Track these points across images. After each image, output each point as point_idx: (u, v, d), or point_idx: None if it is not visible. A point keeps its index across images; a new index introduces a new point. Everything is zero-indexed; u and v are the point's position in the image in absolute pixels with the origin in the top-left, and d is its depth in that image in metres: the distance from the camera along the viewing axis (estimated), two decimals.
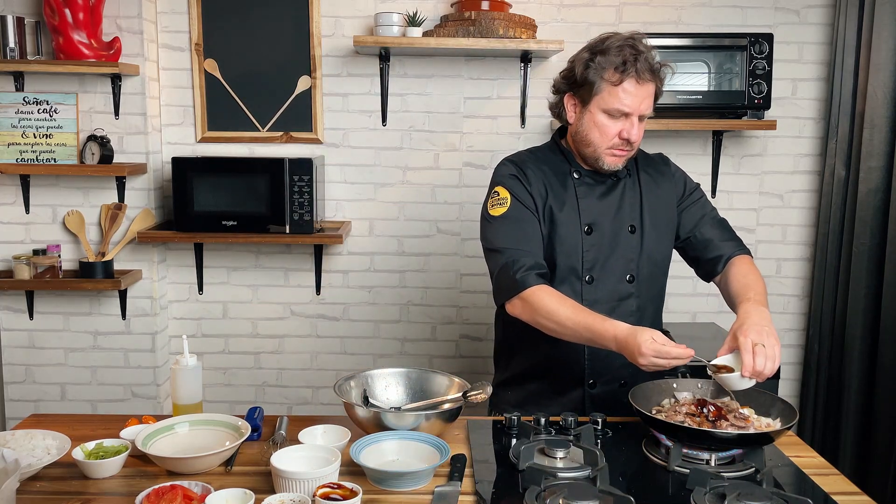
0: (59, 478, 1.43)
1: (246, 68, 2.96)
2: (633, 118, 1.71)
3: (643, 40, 1.71)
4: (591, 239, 1.79)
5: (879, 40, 2.68)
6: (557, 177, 1.81)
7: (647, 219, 1.82)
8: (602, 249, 1.79)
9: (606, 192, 1.81)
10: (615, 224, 1.80)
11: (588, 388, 1.82)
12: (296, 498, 1.27)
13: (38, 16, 2.80)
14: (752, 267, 1.81)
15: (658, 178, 1.87)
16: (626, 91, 1.69)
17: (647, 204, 1.83)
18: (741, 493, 1.29)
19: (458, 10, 2.81)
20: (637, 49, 1.68)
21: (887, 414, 2.65)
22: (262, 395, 3.15)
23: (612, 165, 1.76)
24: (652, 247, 1.82)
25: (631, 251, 1.80)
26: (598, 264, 1.78)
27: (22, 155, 2.83)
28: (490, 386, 1.62)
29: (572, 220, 1.78)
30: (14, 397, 3.00)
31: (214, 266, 3.08)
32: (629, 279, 1.80)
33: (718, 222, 1.90)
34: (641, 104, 1.70)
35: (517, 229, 1.76)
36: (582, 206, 1.79)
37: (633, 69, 1.66)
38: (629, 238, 1.80)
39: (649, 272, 1.82)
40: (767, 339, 1.50)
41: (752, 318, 1.56)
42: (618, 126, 1.72)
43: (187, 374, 1.66)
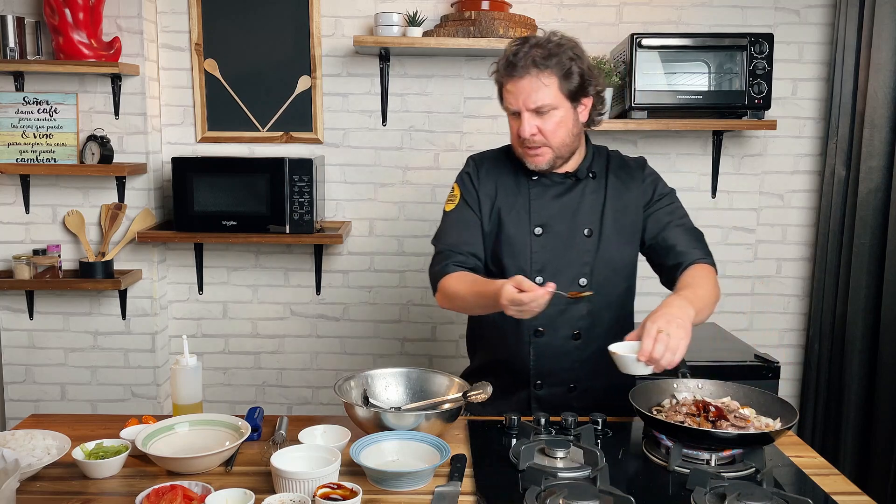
0: (59, 478, 1.43)
1: (246, 68, 2.96)
2: (524, 115, 1.68)
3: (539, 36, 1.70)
4: (542, 240, 1.77)
5: (879, 40, 2.68)
6: (514, 176, 1.81)
7: (607, 223, 1.77)
8: (554, 251, 1.77)
9: (562, 193, 1.79)
10: (570, 226, 1.77)
11: (534, 388, 1.81)
12: (296, 498, 1.27)
13: (38, 16, 2.80)
14: (706, 274, 1.71)
15: (628, 183, 1.82)
16: (508, 90, 1.69)
17: (610, 208, 1.78)
18: (741, 493, 1.29)
19: (458, 10, 2.81)
20: (522, 45, 1.67)
21: (887, 414, 2.65)
22: (262, 395, 3.16)
23: (534, 165, 1.74)
24: (610, 251, 1.77)
25: (585, 254, 1.76)
26: (548, 266, 1.76)
27: (22, 155, 2.83)
28: (490, 386, 1.62)
29: (522, 221, 1.77)
30: (14, 397, 3.00)
31: (214, 266, 3.08)
32: (582, 283, 1.77)
33: (688, 230, 1.82)
34: (527, 99, 1.66)
35: (458, 228, 1.81)
36: (534, 207, 1.78)
37: (510, 67, 1.67)
38: (584, 241, 1.77)
39: (605, 277, 1.78)
40: (676, 330, 1.42)
41: (668, 309, 1.49)
42: (516, 125, 1.71)
43: (187, 374, 1.66)
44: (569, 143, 1.73)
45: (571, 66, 1.67)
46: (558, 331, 1.77)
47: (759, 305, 3.16)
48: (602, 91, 1.79)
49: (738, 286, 3.13)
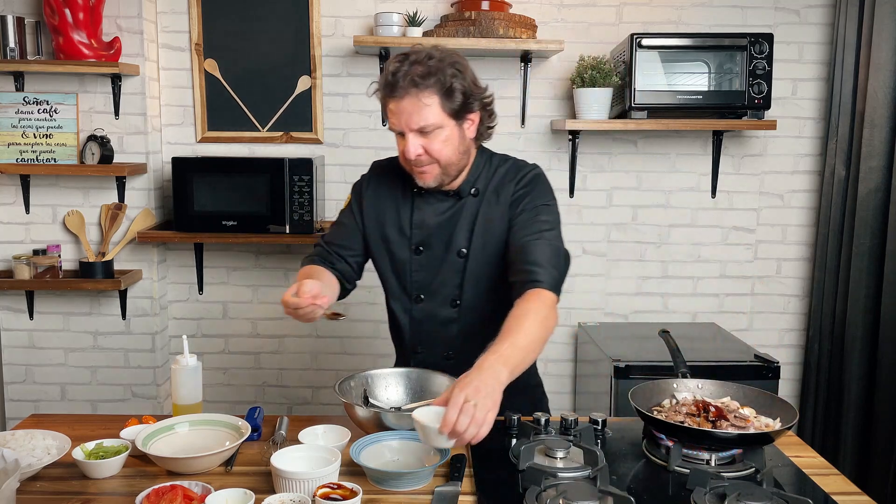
0: (59, 478, 1.43)
1: (246, 68, 2.96)
2: (408, 135, 1.62)
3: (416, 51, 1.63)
4: (420, 259, 1.76)
5: (879, 40, 2.68)
6: (402, 191, 1.78)
7: (476, 242, 1.73)
8: (430, 271, 1.75)
9: (443, 212, 1.75)
10: (446, 246, 1.74)
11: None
12: (296, 498, 1.27)
13: (38, 16, 2.80)
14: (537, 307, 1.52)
15: (501, 197, 1.73)
16: (391, 111, 1.64)
17: (480, 226, 1.73)
18: (741, 493, 1.29)
19: (458, 10, 2.81)
20: (402, 63, 1.60)
21: (887, 414, 2.65)
22: (262, 395, 3.15)
23: (422, 183, 1.69)
24: (479, 272, 1.73)
25: (457, 277, 1.74)
26: (425, 285, 1.76)
27: (22, 155, 2.83)
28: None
29: (404, 239, 1.76)
30: (14, 397, 3.00)
31: (214, 266, 3.08)
32: (452, 304, 1.76)
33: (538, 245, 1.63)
34: (409, 119, 1.60)
35: (337, 229, 1.83)
36: (415, 225, 1.76)
37: (387, 88, 1.61)
38: (456, 262, 1.74)
39: (475, 297, 1.74)
40: (484, 400, 1.28)
41: (479, 374, 1.33)
42: (402, 145, 1.66)
43: (187, 374, 1.66)
44: (456, 161, 1.68)
45: (453, 84, 1.60)
46: (434, 350, 1.79)
47: (759, 305, 3.16)
48: (490, 104, 1.73)
49: (738, 286, 3.13)
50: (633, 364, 2.54)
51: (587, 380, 3.00)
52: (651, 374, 2.27)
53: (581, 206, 3.07)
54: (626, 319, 3.15)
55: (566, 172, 3.04)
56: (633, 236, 3.10)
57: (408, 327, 1.82)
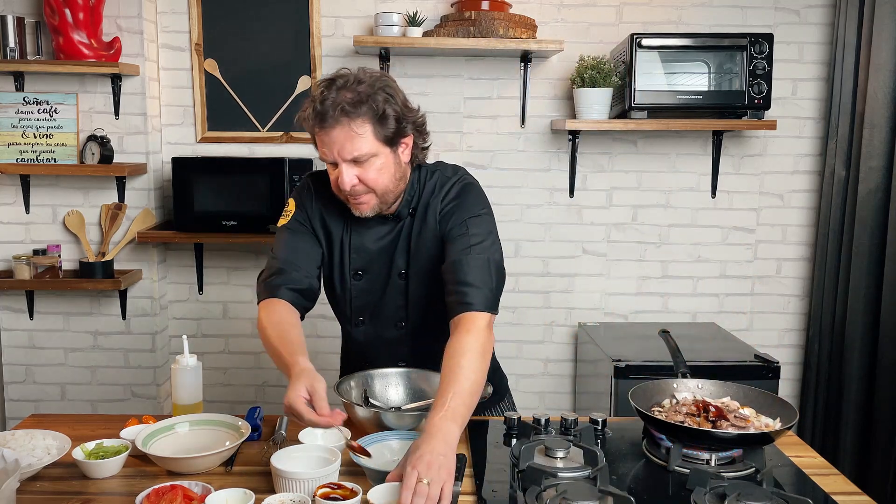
0: (59, 478, 1.43)
1: (246, 68, 2.96)
2: (342, 166, 1.54)
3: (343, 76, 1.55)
4: (361, 284, 1.72)
5: (879, 40, 2.68)
6: (341, 214, 1.70)
7: (413, 263, 1.69)
8: (372, 295, 1.72)
9: (382, 236, 1.70)
10: (386, 269, 1.71)
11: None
12: (296, 498, 1.27)
13: (38, 16, 2.80)
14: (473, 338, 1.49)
15: (430, 212, 1.68)
16: (320, 139, 1.55)
17: (416, 247, 1.68)
18: (741, 493, 1.28)
19: (458, 10, 2.81)
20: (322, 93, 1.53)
21: (887, 414, 2.65)
22: (262, 395, 3.15)
23: (359, 213, 1.62)
24: (420, 292, 1.70)
25: (400, 298, 1.71)
26: (367, 310, 1.73)
27: (22, 155, 2.83)
28: (490, 386, 1.62)
29: (344, 263, 1.72)
30: (14, 397, 3.00)
31: (214, 266, 3.08)
32: (399, 326, 1.73)
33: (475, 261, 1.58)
34: (342, 150, 1.53)
35: (291, 242, 1.70)
36: (354, 249, 1.71)
37: (319, 116, 1.52)
38: (398, 284, 1.71)
39: (421, 317, 1.72)
40: (437, 473, 1.24)
41: (429, 444, 1.29)
42: (335, 175, 1.58)
43: (187, 374, 1.66)
44: (393, 188, 1.61)
45: (385, 110, 1.53)
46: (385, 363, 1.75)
47: (759, 305, 3.16)
48: (423, 125, 1.66)
49: (738, 286, 3.13)
50: (633, 364, 2.54)
51: (587, 380, 3.00)
52: (651, 374, 2.27)
53: (581, 206, 3.07)
54: (626, 319, 3.15)
55: (566, 172, 3.04)
56: (633, 236, 3.10)
57: (352, 346, 1.81)
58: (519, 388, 3.11)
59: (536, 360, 3.16)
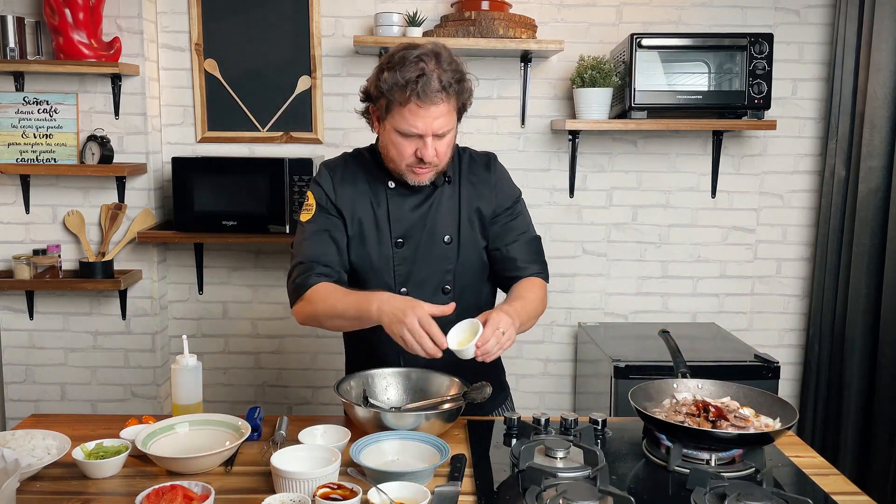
0: (59, 478, 1.43)
1: (246, 68, 2.96)
2: (426, 139, 1.61)
3: (441, 55, 1.60)
4: (403, 252, 1.74)
5: (879, 40, 2.68)
6: (372, 186, 1.75)
7: (464, 229, 1.76)
8: (415, 262, 1.74)
9: (421, 202, 1.75)
10: (430, 235, 1.74)
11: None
12: (296, 498, 1.27)
13: (38, 16, 2.80)
14: (534, 287, 1.76)
15: (479, 187, 1.78)
16: (412, 113, 1.58)
17: (465, 213, 1.76)
18: (741, 493, 1.29)
19: (458, 10, 2.81)
20: (423, 67, 1.57)
21: (887, 414, 2.65)
22: (262, 395, 3.15)
23: (417, 181, 1.69)
24: (470, 256, 1.76)
25: (446, 263, 1.75)
26: (411, 277, 1.75)
27: (22, 155, 2.83)
28: (489, 387, 1.62)
29: (383, 233, 1.74)
30: (14, 397, 3.00)
31: (214, 266, 3.08)
32: (445, 291, 1.76)
33: (529, 242, 1.82)
34: (433, 125, 1.59)
35: (317, 238, 1.73)
36: (393, 218, 1.74)
37: (418, 91, 1.56)
38: (444, 249, 1.75)
39: (468, 282, 1.78)
40: (509, 332, 1.53)
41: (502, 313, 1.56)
42: (413, 146, 1.63)
43: (187, 374, 1.66)
44: (449, 159, 1.71)
45: (472, 90, 1.65)
46: None
47: (759, 305, 3.16)
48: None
49: (738, 286, 3.13)
50: (633, 364, 2.54)
51: (587, 380, 3.00)
52: (651, 374, 2.27)
53: (581, 206, 3.07)
54: (626, 319, 3.15)
55: (566, 172, 3.04)
56: (633, 236, 3.10)
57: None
58: (519, 388, 3.11)
59: (536, 360, 3.16)
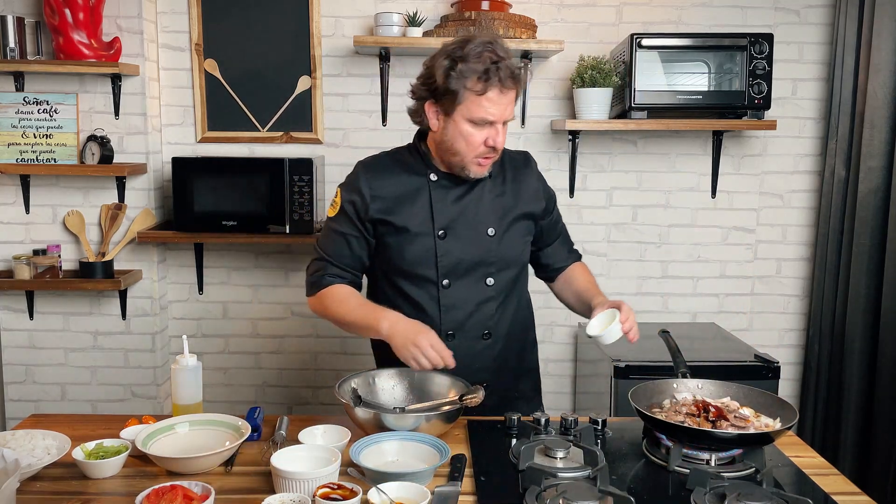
0: (59, 478, 1.43)
1: (246, 68, 2.96)
2: (497, 126, 1.68)
3: (502, 44, 1.68)
4: (446, 244, 1.76)
5: (879, 40, 2.68)
6: (413, 181, 1.79)
7: (507, 223, 1.81)
8: (458, 253, 1.77)
9: (463, 194, 1.79)
10: (472, 227, 1.78)
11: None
12: (296, 498, 1.27)
13: (38, 16, 2.80)
14: (586, 271, 1.98)
15: (522, 184, 1.86)
16: (490, 100, 1.65)
17: (507, 206, 1.81)
18: (741, 493, 1.29)
19: (458, 10, 2.81)
20: (497, 55, 1.64)
21: (887, 414, 2.65)
22: (262, 395, 3.16)
23: (478, 174, 1.74)
24: (512, 250, 1.82)
25: (490, 255, 1.78)
26: (455, 269, 1.77)
27: (22, 155, 2.83)
28: (483, 390, 1.62)
29: (425, 225, 1.76)
30: (14, 397, 3.00)
31: (214, 266, 3.08)
32: (489, 283, 1.79)
33: (565, 234, 2.01)
34: (505, 111, 1.68)
35: (337, 238, 1.81)
36: (436, 210, 1.77)
37: (496, 78, 1.63)
38: (487, 241, 1.78)
39: (509, 276, 1.82)
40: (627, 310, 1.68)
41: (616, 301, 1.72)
42: (483, 134, 1.68)
43: (187, 374, 1.66)
44: None
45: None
46: (469, 332, 1.79)
47: (759, 305, 3.16)
48: None
49: (738, 286, 3.13)
50: (633, 364, 2.54)
51: (587, 380, 3.00)
52: (651, 374, 2.26)
53: (581, 206, 3.07)
54: None
55: (566, 172, 3.04)
56: (633, 236, 3.10)
57: (437, 316, 1.79)
58: None
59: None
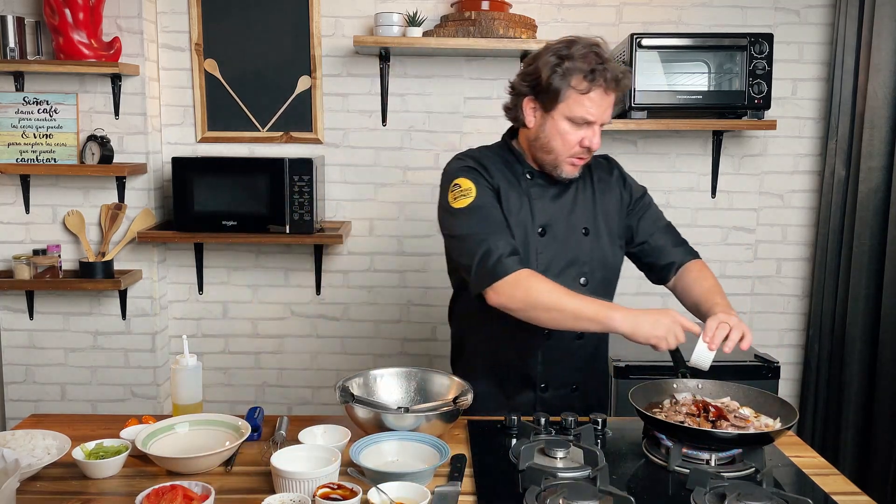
0: (59, 478, 1.43)
1: (246, 68, 2.96)
2: (595, 126, 1.69)
3: (606, 48, 1.70)
4: (545, 241, 1.76)
5: (879, 40, 2.68)
6: (512, 176, 1.79)
7: (599, 223, 1.81)
8: (556, 251, 1.77)
9: (559, 193, 1.79)
10: (568, 226, 1.78)
11: (539, 391, 1.81)
12: (296, 498, 1.27)
13: (38, 16, 2.80)
14: (706, 270, 1.86)
15: (607, 181, 1.86)
16: (592, 100, 1.66)
17: (600, 207, 1.82)
18: (741, 493, 1.29)
19: (458, 10, 2.81)
20: (602, 57, 1.66)
21: (887, 414, 2.65)
22: (262, 395, 3.15)
23: (570, 174, 1.74)
24: (605, 251, 1.81)
25: (584, 254, 1.78)
26: (551, 266, 1.76)
27: (22, 155, 2.83)
28: (471, 393, 1.62)
29: (527, 221, 1.76)
30: (14, 397, 3.00)
31: (214, 266, 3.08)
32: (583, 282, 1.78)
33: (667, 227, 1.91)
34: (605, 113, 1.69)
35: (488, 217, 1.70)
36: (535, 207, 1.77)
37: (601, 78, 1.64)
38: (582, 241, 1.78)
39: (602, 276, 1.81)
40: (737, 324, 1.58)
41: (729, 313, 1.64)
42: (580, 134, 1.68)
43: (187, 374, 1.66)
44: None
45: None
46: (564, 332, 1.76)
47: (759, 305, 3.16)
48: None
49: (738, 286, 3.13)
50: (633, 364, 2.54)
51: None
52: (651, 374, 2.26)
53: None
54: None
55: None
56: None
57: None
58: None
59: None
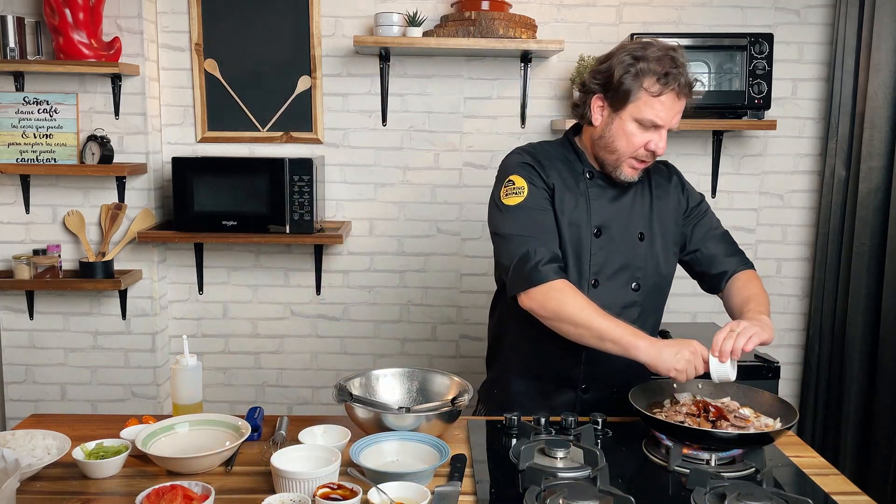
0: (59, 478, 1.43)
1: (246, 68, 2.96)
2: (662, 131, 1.66)
3: (683, 53, 1.67)
4: (600, 242, 1.74)
5: (879, 40, 2.68)
6: (570, 174, 1.76)
7: (655, 228, 1.78)
8: (610, 254, 1.75)
9: (617, 196, 1.77)
10: (624, 229, 1.75)
11: (580, 392, 1.80)
12: (296, 498, 1.27)
13: (38, 16, 2.80)
14: (753, 280, 1.81)
15: (665, 187, 1.84)
16: (663, 104, 1.63)
17: (657, 213, 1.79)
18: (741, 493, 1.29)
19: (458, 10, 2.81)
20: (677, 62, 1.64)
21: (887, 414, 2.65)
22: (262, 395, 3.15)
23: (629, 177, 1.72)
24: (659, 257, 1.78)
25: (638, 259, 1.76)
26: (604, 269, 1.74)
27: (22, 155, 2.83)
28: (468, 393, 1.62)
29: (582, 221, 1.74)
30: (14, 397, 3.00)
31: (214, 266, 3.08)
32: (634, 287, 1.76)
33: (723, 236, 1.87)
34: (674, 118, 1.66)
35: (535, 220, 1.69)
36: (593, 208, 1.75)
37: (674, 83, 1.62)
38: (637, 245, 1.76)
39: (654, 282, 1.78)
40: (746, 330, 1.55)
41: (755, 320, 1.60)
42: (646, 137, 1.66)
43: (187, 374, 1.66)
44: None
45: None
46: None
47: None
48: None
49: None
50: None
51: None
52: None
53: None
54: None
55: None
56: None
57: None
58: None
59: None
